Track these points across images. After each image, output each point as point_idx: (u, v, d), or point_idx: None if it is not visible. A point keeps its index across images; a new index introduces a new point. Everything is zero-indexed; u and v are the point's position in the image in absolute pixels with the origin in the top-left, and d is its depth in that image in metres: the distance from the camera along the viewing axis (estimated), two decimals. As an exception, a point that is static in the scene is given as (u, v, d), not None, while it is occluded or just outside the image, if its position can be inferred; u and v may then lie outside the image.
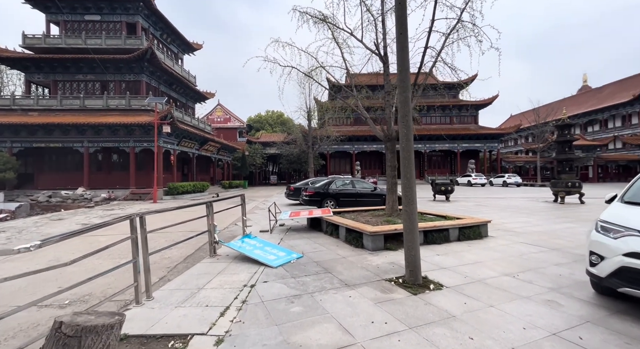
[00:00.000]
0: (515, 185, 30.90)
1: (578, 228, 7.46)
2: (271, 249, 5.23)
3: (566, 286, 3.65)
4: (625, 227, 2.96)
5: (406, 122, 3.89)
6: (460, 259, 4.87)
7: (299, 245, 6.04)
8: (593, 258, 3.13)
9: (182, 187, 19.80)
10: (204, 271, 4.43)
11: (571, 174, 13.81)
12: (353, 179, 12.13)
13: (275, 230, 7.79)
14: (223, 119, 57.44)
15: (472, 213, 10.38)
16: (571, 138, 14.27)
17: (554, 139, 16.28)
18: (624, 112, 40.53)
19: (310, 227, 8.01)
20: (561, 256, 5.00)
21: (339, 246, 5.83)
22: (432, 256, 5.08)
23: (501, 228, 7.53)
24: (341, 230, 6.49)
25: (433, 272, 4.21)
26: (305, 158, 34.12)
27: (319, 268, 4.49)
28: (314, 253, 5.33)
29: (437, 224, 6.05)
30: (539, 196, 17.60)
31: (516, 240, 6.22)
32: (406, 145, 3.90)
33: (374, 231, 5.40)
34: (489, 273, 4.14)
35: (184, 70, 29.36)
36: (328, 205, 11.26)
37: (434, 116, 42.53)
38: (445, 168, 42.87)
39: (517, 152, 51.70)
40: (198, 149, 26.39)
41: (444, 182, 15.47)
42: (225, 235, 7.60)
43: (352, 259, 4.93)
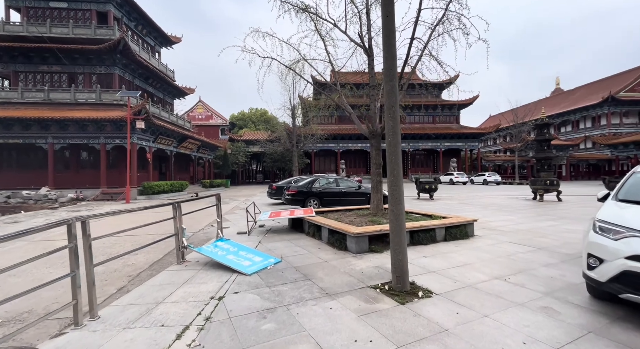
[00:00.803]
0: (495, 183, 31.73)
1: (560, 226, 7.46)
2: (246, 253, 4.76)
3: (559, 289, 3.43)
4: (627, 227, 2.75)
5: (393, 114, 3.55)
6: (448, 261, 4.61)
7: (278, 248, 5.61)
8: (591, 261, 2.91)
9: (158, 186, 18.79)
10: (168, 281, 3.92)
11: (549, 172, 14.12)
12: (337, 177, 11.80)
13: (254, 231, 7.31)
14: (205, 116, 55.82)
15: (456, 212, 10.30)
16: (550, 137, 14.60)
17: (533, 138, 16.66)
18: (593, 113, 42.63)
19: (292, 228, 7.58)
20: (549, 256, 4.85)
21: (321, 249, 5.45)
22: (419, 258, 4.80)
23: (486, 226, 7.40)
24: (324, 231, 6.11)
25: (421, 277, 3.91)
26: (290, 156, 33.56)
27: (298, 274, 4.08)
28: (293, 257, 4.92)
29: (424, 224, 5.79)
30: (518, 194, 17.99)
31: (502, 239, 6.08)
32: (393, 139, 3.56)
33: (357, 233, 5.05)
34: (479, 277, 3.88)
35: (162, 64, 28.02)
36: (311, 205, 10.87)
37: (418, 115, 43.06)
38: (428, 167, 43.55)
39: (496, 151, 53.35)
40: (176, 147, 25.25)
41: (428, 181, 15.45)
42: (199, 238, 7.05)
43: (335, 263, 4.56)
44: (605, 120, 41.04)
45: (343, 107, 8.03)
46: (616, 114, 40.46)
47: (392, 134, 3.57)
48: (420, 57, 6.92)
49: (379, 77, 7.91)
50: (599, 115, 41.91)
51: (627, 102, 39.44)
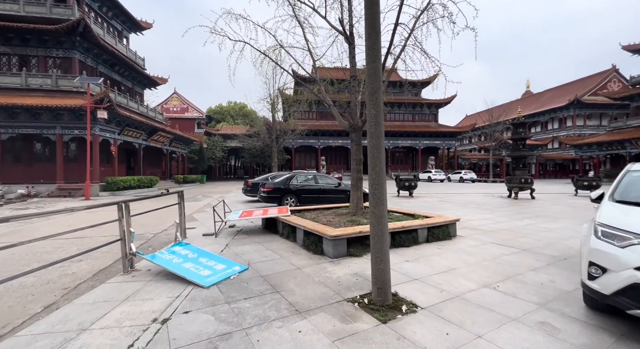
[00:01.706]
0: (470, 181, 32.60)
1: (538, 225, 7.40)
2: (207, 260, 4.14)
3: (553, 299, 3.13)
4: (634, 233, 2.44)
5: (375, 101, 3.07)
6: (432, 266, 4.24)
7: (247, 252, 5.01)
8: (593, 270, 2.59)
9: (123, 182, 17.38)
10: (106, 297, 3.23)
11: (524, 171, 14.41)
12: (316, 174, 11.29)
13: (223, 232, 6.65)
14: (180, 109, 53.26)
15: (437, 210, 10.13)
16: (525, 136, 14.90)
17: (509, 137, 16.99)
18: (560, 115, 44.98)
19: (265, 228, 6.99)
20: (534, 258, 4.62)
21: (295, 253, 4.92)
22: (401, 262, 4.40)
23: (468, 226, 7.20)
24: (298, 232, 5.58)
25: (404, 286, 3.49)
26: (269, 152, 32.63)
27: (265, 285, 3.53)
28: (262, 264, 4.35)
29: (406, 224, 5.42)
30: (494, 192, 18.39)
31: (485, 239, 5.84)
32: (375, 130, 3.08)
33: (335, 235, 4.57)
34: (466, 285, 3.52)
35: (130, 50, 26.04)
36: (288, 202, 10.30)
37: (398, 113, 43.43)
38: (408, 165, 44.16)
39: (472, 149, 55.12)
40: (146, 140, 23.62)
41: (407, 178, 15.33)
42: (160, 240, 6.29)
43: (309, 270, 4.05)
44: (570, 122, 43.43)
45: (322, 99, 7.50)
46: (581, 116, 42.91)
47: (375, 124, 3.08)
48: (404, 47, 6.52)
49: (360, 73, 7.47)
50: (566, 117, 44.29)
51: (590, 105, 41.90)
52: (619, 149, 30.50)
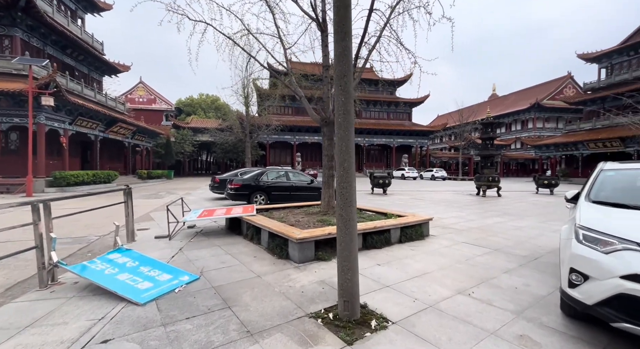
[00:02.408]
0: (441, 178, 33.68)
1: (507, 223, 7.49)
2: (150, 269, 3.54)
3: (529, 306, 2.93)
4: (619, 238, 2.24)
5: (344, 86, 2.65)
6: (405, 270, 3.95)
7: (203, 257, 4.44)
8: (574, 277, 2.38)
9: (75, 177, 15.71)
10: (4, 322, 2.56)
11: (492, 169, 14.89)
12: (288, 170, 10.78)
13: (180, 234, 5.97)
14: (146, 100, 50.05)
15: (410, 208, 10.07)
16: (494, 136, 15.39)
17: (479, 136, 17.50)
18: (523, 117, 47.88)
19: (230, 229, 6.40)
20: (505, 259, 4.50)
21: (258, 258, 4.43)
22: (372, 266, 4.07)
23: (440, 224, 7.10)
24: (263, 234, 5.09)
25: (375, 295, 3.14)
26: (243, 147, 31.43)
27: (215, 299, 3.02)
28: (218, 272, 3.82)
29: (378, 225, 5.12)
30: (463, 190, 18.95)
31: (457, 239, 5.71)
32: (344, 121, 2.67)
33: (301, 238, 4.13)
34: (440, 292, 3.25)
35: (86, 33, 23.68)
36: (258, 200, 9.71)
37: (374, 111, 43.82)
38: (382, 162, 44.82)
39: (442, 148, 57.21)
40: (104, 131, 21.65)
41: (381, 176, 15.28)
42: (105, 244, 5.49)
43: (270, 279, 3.59)
44: (531, 124, 46.37)
45: (293, 90, 7.00)
46: (540, 119, 45.94)
47: (344, 113, 2.67)
48: (379, 37, 6.20)
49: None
50: (527, 119, 47.20)
51: (549, 108, 44.97)
52: (573, 150, 32.96)
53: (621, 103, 26.92)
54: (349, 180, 2.69)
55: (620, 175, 3.20)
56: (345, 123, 2.67)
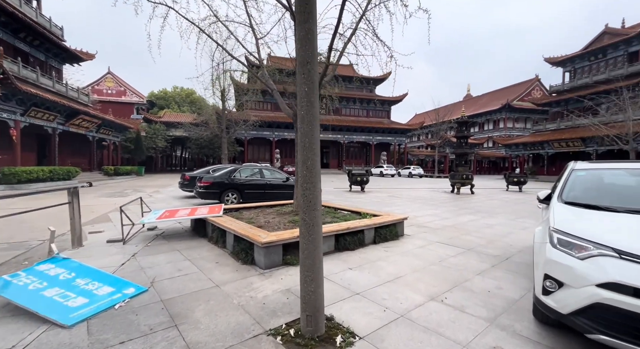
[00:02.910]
0: (418, 176, 34.43)
1: (479, 221, 7.56)
2: (88, 282, 3.08)
3: (502, 312, 2.80)
4: (593, 242, 2.12)
5: (308, 74, 2.36)
6: (377, 274, 3.74)
7: (158, 264, 4.00)
8: (548, 284, 2.25)
9: (27, 174, 14.31)
10: None
11: (466, 167, 15.24)
12: (263, 167, 10.35)
13: (137, 237, 5.44)
14: (115, 92, 47.14)
15: (386, 206, 10.00)
16: (468, 134, 15.74)
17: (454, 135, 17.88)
18: (494, 117, 49.95)
19: (195, 231, 5.94)
20: (478, 259, 4.44)
21: (220, 264, 4.06)
22: (343, 271, 3.83)
23: (415, 223, 7.02)
24: (228, 237, 4.71)
25: (343, 304, 2.90)
26: (219, 143, 30.33)
27: (162, 316, 2.64)
28: (171, 281, 3.42)
29: (352, 225, 4.89)
30: (439, 187, 19.36)
31: (431, 238, 5.62)
32: (307, 113, 2.38)
33: (267, 242, 3.81)
34: (413, 298, 3.06)
35: (43, 16, 21.63)
36: (230, 199, 9.23)
37: (353, 108, 43.89)
38: (361, 159, 45.12)
39: (420, 146, 58.60)
40: (64, 123, 19.97)
41: (360, 173, 15.19)
42: (45, 251, 4.85)
43: (230, 288, 3.25)
44: (502, 124, 48.50)
45: (264, 82, 6.60)
46: (510, 119, 48.14)
47: (307, 106, 2.37)
48: (355, 30, 5.94)
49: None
50: (499, 119, 49.31)
51: (518, 109, 47.20)
52: (540, 149, 34.82)
53: (583, 106, 28.70)
54: (313, 180, 2.41)
55: (591, 175, 3.16)
56: (308, 117, 2.37)
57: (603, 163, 3.32)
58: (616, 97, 21.71)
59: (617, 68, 29.10)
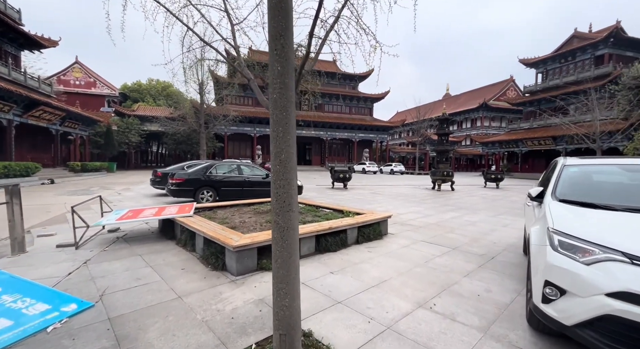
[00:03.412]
0: (400, 173, 34.84)
1: (462, 218, 7.51)
2: (17, 299, 2.56)
3: (495, 319, 2.59)
4: (601, 246, 1.91)
5: (282, 50, 1.98)
6: (361, 278, 3.46)
7: (113, 273, 3.50)
8: (548, 291, 2.03)
9: (-24, 170, 12.91)
10: None
11: (446, 164, 15.40)
12: (240, 164, 9.82)
13: (95, 241, 4.85)
14: (84, 83, 44.21)
15: (369, 203, 9.81)
16: (449, 132, 15.90)
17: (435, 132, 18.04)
18: (472, 116, 51.51)
19: (163, 233, 5.41)
20: (464, 258, 4.27)
21: (187, 270, 3.62)
22: (324, 275, 3.51)
23: (398, 221, 6.84)
24: (198, 239, 4.26)
25: (323, 316, 2.58)
26: (198, 138, 29.13)
27: (105, 339, 2.20)
28: (126, 293, 2.95)
29: (334, 225, 4.59)
30: (420, 184, 19.54)
31: (416, 237, 5.43)
32: (281, 98, 2.01)
33: (240, 246, 3.42)
34: (400, 306, 2.79)
35: (-4, -5, 19.61)
36: (205, 196, 8.68)
37: (336, 105, 43.65)
38: (344, 156, 45.09)
39: (401, 143, 59.45)
40: (22, 115, 18.28)
41: (342, 170, 14.96)
42: (-20, 259, 4.19)
43: (195, 300, 2.84)
44: (480, 122, 50.11)
45: (240, 71, 6.11)
46: (487, 118, 49.82)
47: (280, 88, 2.00)
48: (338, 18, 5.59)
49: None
50: (476, 118, 50.90)
51: (495, 108, 48.91)
52: (514, 147, 36.23)
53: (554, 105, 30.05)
54: (287, 176, 2.05)
55: (583, 171, 3.01)
56: (282, 101, 2.00)
57: (594, 159, 3.19)
58: (585, 97, 22.80)
59: (584, 70, 30.67)
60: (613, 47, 29.65)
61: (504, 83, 51.90)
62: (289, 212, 2.03)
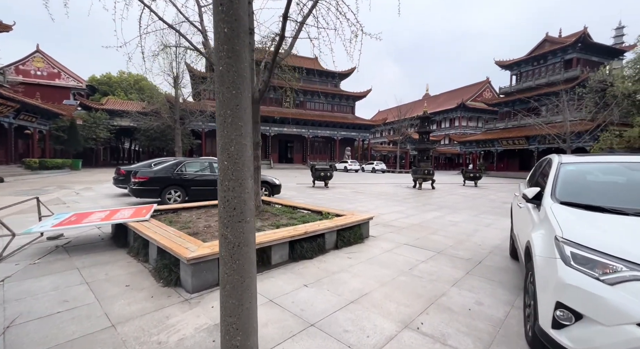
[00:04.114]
0: (381, 171, 34.97)
1: (445, 218, 7.30)
2: None
3: (490, 340, 2.24)
4: (625, 261, 1.57)
5: (229, 4, 1.47)
6: (339, 291, 3.02)
7: (36, 293, 2.85)
8: (560, 314, 1.68)
9: None
10: None
11: (427, 162, 15.37)
12: (213, 161, 9.12)
13: (28, 250, 4.10)
14: (47, 74, 40.94)
15: (350, 203, 9.45)
16: (430, 130, 15.88)
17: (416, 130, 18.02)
18: (451, 116, 52.79)
19: (115, 240, 4.71)
20: (450, 264, 3.95)
21: (132, 287, 3.02)
22: (296, 289, 3.05)
23: (380, 222, 6.49)
24: (151, 248, 3.66)
25: (292, 345, 2.11)
26: (173, 134, 27.66)
27: (-8, 397, 1.61)
28: (43, 323, 2.34)
29: (310, 229, 4.13)
30: (401, 182, 19.52)
31: (398, 240, 5.09)
32: (229, 68, 1.50)
33: (195, 257, 2.88)
34: (383, 327, 2.38)
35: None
36: (172, 197, 7.94)
37: (318, 102, 43.17)
38: (326, 154, 44.75)
39: (382, 142, 59.98)
40: (-33, 106, 16.39)
41: (323, 168, 14.53)
42: None
43: (132, 329, 2.28)
44: (458, 122, 51.44)
45: (205, 55, 5.50)
46: (465, 118, 51.23)
47: (228, 56, 1.49)
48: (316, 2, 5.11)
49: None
50: (454, 118, 52.21)
51: (472, 109, 50.35)
52: (490, 147, 37.39)
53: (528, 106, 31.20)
54: (240, 175, 1.55)
55: (583, 170, 2.74)
56: (230, 75, 1.50)
57: (592, 157, 2.93)
58: (556, 99, 23.74)
59: (555, 73, 32.06)
60: (581, 51, 31.16)
61: (481, 84, 53.56)
62: (241, 223, 1.54)
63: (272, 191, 9.68)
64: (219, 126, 1.53)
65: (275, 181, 9.73)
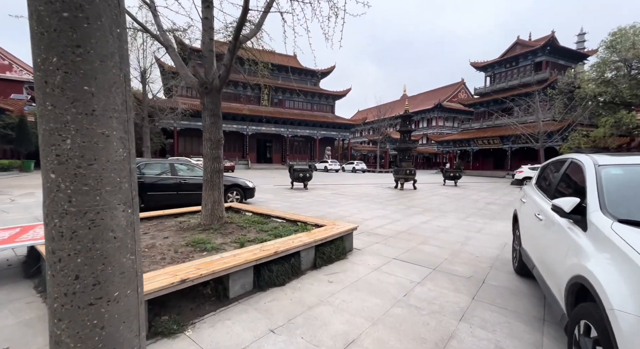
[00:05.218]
0: (362, 171, 34.67)
1: (432, 222, 6.75)
2: None
3: None
4: None
5: None
6: (317, 338, 2.24)
7: None
8: None
9: None
10: None
11: (409, 162, 14.99)
12: (175, 163, 8.03)
13: None
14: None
15: (330, 206, 8.71)
16: (411, 129, 15.52)
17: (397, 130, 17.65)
18: (428, 116, 53.75)
19: (26, 267, 3.64)
20: (451, 285, 3.30)
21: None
22: (260, 338, 2.23)
23: (365, 229, 5.79)
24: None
25: None
26: (141, 133, 25.68)
27: None
28: None
29: (282, 247, 3.31)
30: (382, 182, 19.11)
31: (387, 253, 4.39)
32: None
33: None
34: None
35: None
36: (124, 205, 6.78)
37: (297, 101, 42.25)
38: (306, 154, 43.92)
39: (362, 142, 60.08)
40: None
41: (302, 169, 13.71)
42: None
43: None
44: (435, 122, 52.45)
45: (154, 36, 4.52)
46: (442, 118, 52.33)
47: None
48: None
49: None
50: (432, 118, 53.20)
51: (448, 109, 51.52)
52: (466, 146, 38.24)
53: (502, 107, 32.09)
54: (92, 202, 0.72)
55: (632, 174, 2.12)
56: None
57: (631, 157, 2.33)
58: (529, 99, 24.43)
59: (526, 75, 33.23)
60: (549, 55, 32.49)
61: (456, 85, 54.96)
62: (94, 307, 0.71)
63: (245, 196, 8.75)
64: (37, 91, 0.69)
65: (248, 184, 8.79)
